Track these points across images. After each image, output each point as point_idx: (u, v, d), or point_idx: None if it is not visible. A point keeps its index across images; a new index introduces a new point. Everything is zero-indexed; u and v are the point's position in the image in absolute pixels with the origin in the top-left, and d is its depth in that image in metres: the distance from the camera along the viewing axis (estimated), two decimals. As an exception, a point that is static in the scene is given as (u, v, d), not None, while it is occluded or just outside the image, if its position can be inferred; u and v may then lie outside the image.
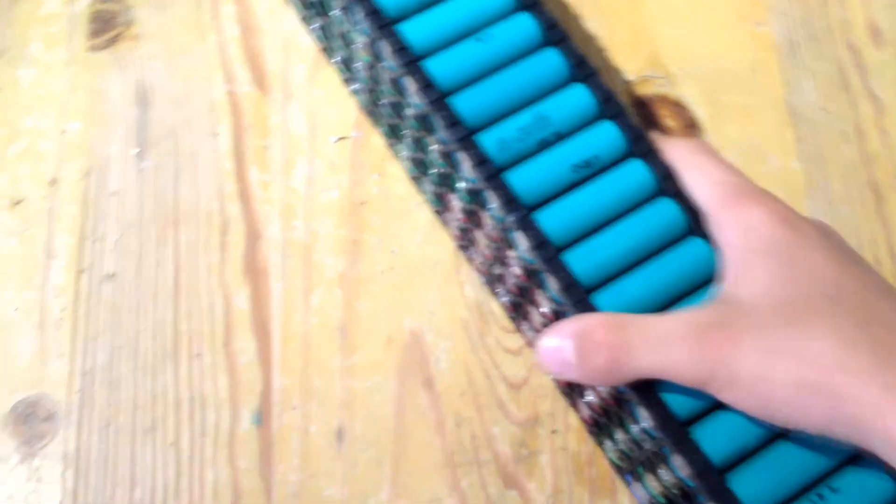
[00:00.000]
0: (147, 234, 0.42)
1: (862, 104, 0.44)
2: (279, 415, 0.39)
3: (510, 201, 0.32)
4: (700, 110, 0.44)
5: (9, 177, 0.43)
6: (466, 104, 0.34)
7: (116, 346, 0.41)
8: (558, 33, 0.35)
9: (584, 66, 0.35)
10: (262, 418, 0.39)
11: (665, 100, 0.44)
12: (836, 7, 0.46)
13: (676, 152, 0.33)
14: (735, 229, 0.30)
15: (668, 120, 0.44)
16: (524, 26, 0.35)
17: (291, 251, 0.42)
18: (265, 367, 0.40)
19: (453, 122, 0.33)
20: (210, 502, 0.38)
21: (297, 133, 0.44)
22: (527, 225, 0.32)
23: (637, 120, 0.44)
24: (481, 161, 0.33)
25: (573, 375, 0.29)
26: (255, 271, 0.42)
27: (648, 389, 0.30)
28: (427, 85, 0.34)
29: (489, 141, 0.33)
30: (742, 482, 0.29)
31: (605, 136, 0.34)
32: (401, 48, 0.34)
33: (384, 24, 0.35)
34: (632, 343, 0.28)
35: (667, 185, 0.33)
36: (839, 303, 0.27)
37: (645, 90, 0.45)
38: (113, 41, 0.46)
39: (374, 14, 0.35)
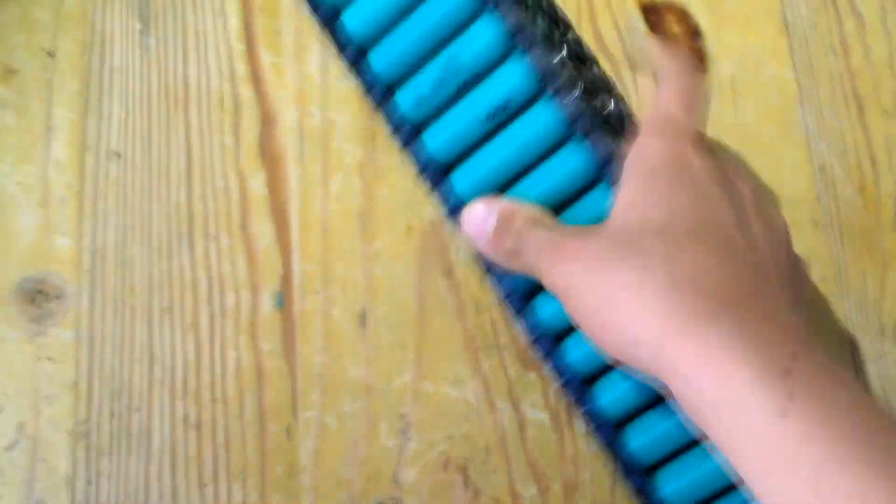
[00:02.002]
0: (155, 113, 0.41)
1: (847, 20, 0.47)
2: (301, 298, 0.39)
3: (423, 169, 0.32)
4: (702, 18, 0.46)
5: (1, 45, 0.41)
6: (383, 58, 0.32)
7: (127, 226, 0.39)
8: None
9: None
10: (283, 301, 0.39)
11: (671, 6, 0.46)
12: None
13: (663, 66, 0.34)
14: (632, 154, 0.30)
15: (674, 26, 0.45)
16: None
17: (308, 138, 0.41)
18: (284, 252, 0.40)
19: (369, 86, 0.32)
20: (232, 381, 0.38)
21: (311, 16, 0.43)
22: (440, 191, 0.32)
23: (647, 29, 0.45)
24: (396, 128, 0.32)
25: (482, 246, 0.31)
26: (270, 156, 0.41)
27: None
28: (343, 46, 0.32)
29: (406, 99, 0.32)
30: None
31: (516, 76, 0.31)
32: (315, 5, 0.32)
33: None
34: (538, 245, 0.30)
35: (576, 126, 0.31)
36: (667, 232, 0.28)
37: (649, -5, 0.46)
38: None
39: None
